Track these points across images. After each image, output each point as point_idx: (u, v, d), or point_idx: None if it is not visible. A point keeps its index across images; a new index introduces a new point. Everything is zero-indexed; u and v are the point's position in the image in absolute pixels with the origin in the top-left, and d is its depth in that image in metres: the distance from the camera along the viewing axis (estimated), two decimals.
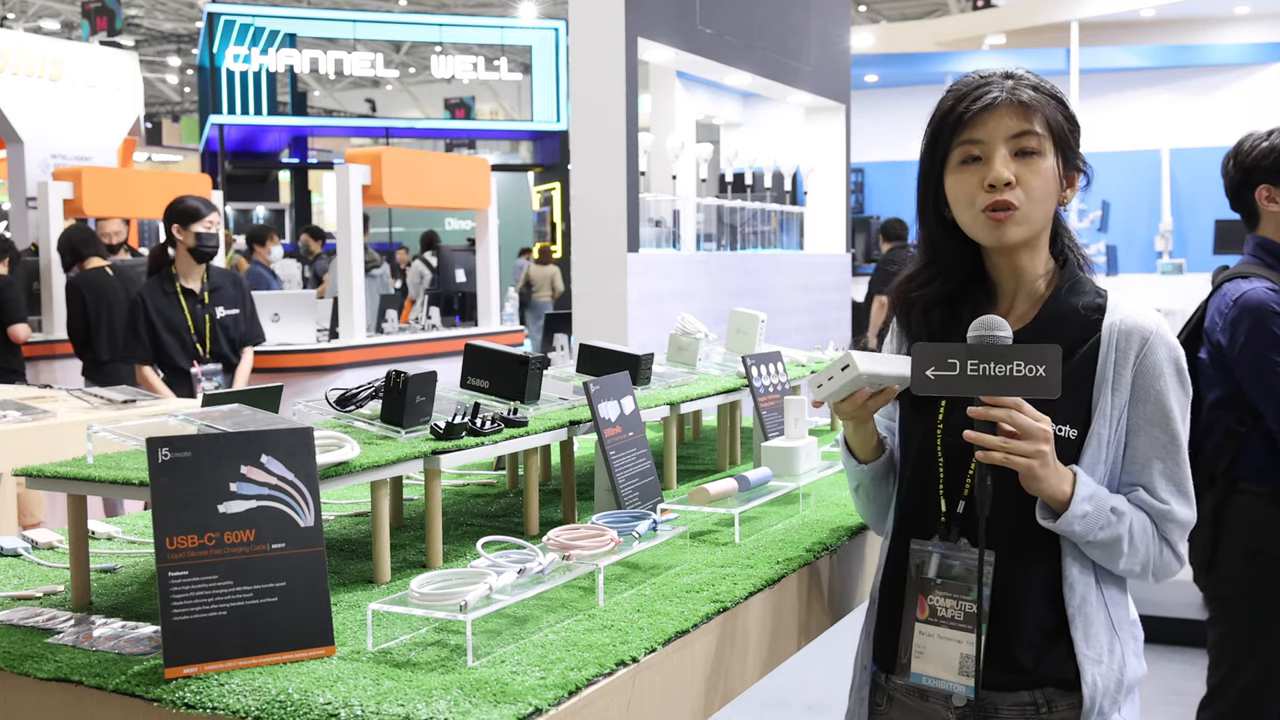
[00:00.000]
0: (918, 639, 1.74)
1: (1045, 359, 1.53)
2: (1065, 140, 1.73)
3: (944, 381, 1.57)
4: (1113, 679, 1.68)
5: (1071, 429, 1.68)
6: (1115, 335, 1.70)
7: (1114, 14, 19.08)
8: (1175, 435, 1.69)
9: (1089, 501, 1.62)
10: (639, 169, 6.12)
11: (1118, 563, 1.68)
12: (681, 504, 2.14)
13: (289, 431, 1.52)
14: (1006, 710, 1.71)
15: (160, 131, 27.22)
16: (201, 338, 5.20)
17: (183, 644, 1.41)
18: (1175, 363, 1.70)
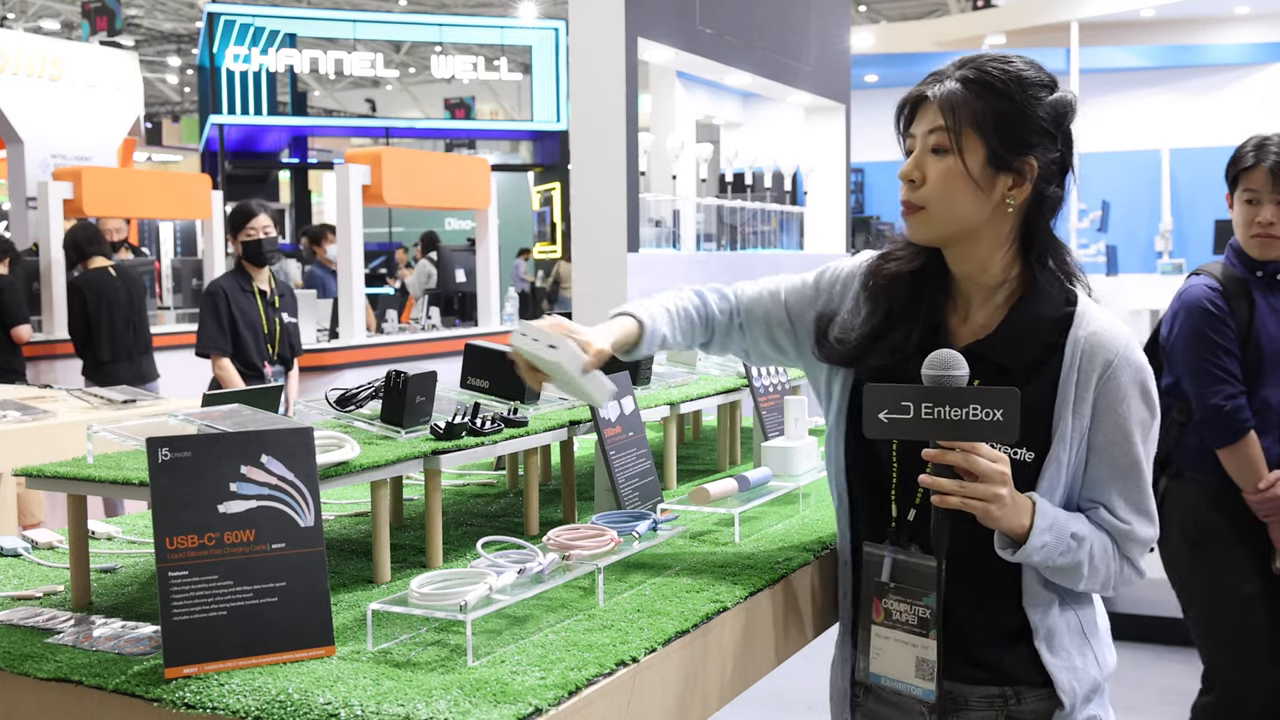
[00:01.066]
0: (875, 641, 1.74)
1: (1004, 403, 1.50)
2: (1006, 134, 1.62)
3: (897, 425, 1.54)
4: (1088, 680, 1.70)
5: (1029, 451, 1.65)
6: (1079, 354, 1.65)
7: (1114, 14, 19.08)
8: (1136, 459, 1.66)
9: (1048, 532, 1.60)
10: (639, 169, 6.12)
11: (1077, 584, 1.68)
12: (681, 504, 2.14)
13: (289, 431, 1.52)
14: (976, 702, 1.72)
15: (160, 131, 27.21)
16: (272, 339, 5.30)
17: (183, 644, 1.41)
18: (1140, 385, 1.66)
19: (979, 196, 1.64)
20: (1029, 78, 1.64)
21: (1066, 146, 1.68)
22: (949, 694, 1.74)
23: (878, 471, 1.77)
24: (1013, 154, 1.63)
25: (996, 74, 1.63)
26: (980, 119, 1.62)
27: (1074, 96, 1.69)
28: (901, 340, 1.72)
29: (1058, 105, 1.65)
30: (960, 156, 1.62)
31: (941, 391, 1.52)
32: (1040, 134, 1.64)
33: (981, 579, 1.70)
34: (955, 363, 1.54)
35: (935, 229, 1.67)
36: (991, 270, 1.70)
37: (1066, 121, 1.67)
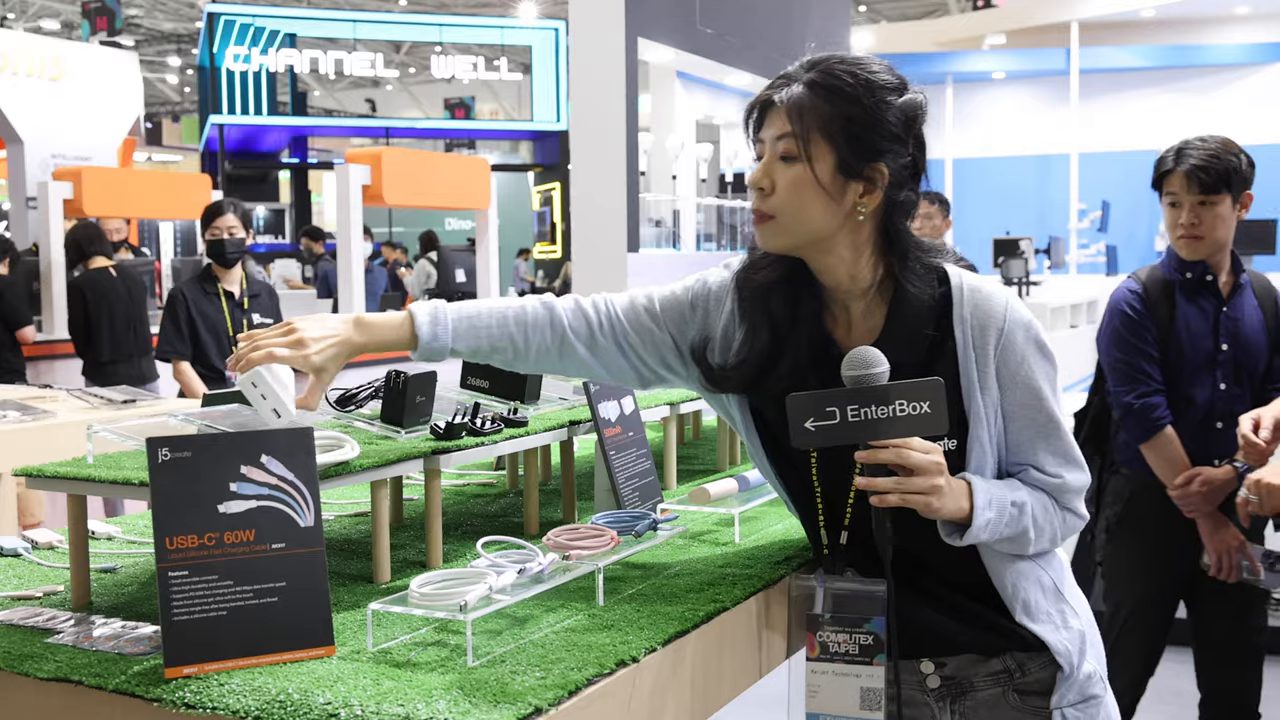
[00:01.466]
0: (811, 678, 1.67)
1: (929, 394, 1.49)
2: (855, 141, 1.58)
3: (825, 432, 1.51)
4: (1075, 637, 1.69)
5: (950, 440, 1.63)
6: (969, 333, 1.63)
7: (1114, 14, 19.08)
8: (1051, 413, 1.65)
9: (990, 508, 1.59)
10: (639, 169, 6.12)
11: (1027, 549, 1.67)
12: (681, 504, 2.14)
13: (289, 431, 1.52)
14: (982, 682, 1.72)
15: (160, 131, 27.22)
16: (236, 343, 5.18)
17: (183, 644, 1.41)
18: (1034, 340, 1.64)
19: (829, 205, 1.60)
20: (878, 81, 1.60)
21: (918, 150, 1.64)
22: (951, 678, 1.73)
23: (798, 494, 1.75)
24: (863, 161, 1.59)
25: (845, 78, 1.59)
26: (829, 125, 1.58)
27: (924, 98, 1.64)
28: (792, 361, 1.67)
29: (907, 108, 1.61)
30: (809, 164, 1.58)
31: (865, 392, 1.50)
32: (890, 139, 1.60)
33: (943, 564, 1.68)
34: (875, 359, 1.52)
35: (786, 238, 1.63)
36: (858, 276, 1.66)
37: (917, 124, 1.63)
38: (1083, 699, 1.69)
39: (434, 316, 1.64)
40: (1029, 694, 1.70)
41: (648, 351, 1.75)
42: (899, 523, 1.58)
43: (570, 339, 1.71)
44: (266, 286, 5.43)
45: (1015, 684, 1.71)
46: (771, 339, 1.68)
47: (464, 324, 1.66)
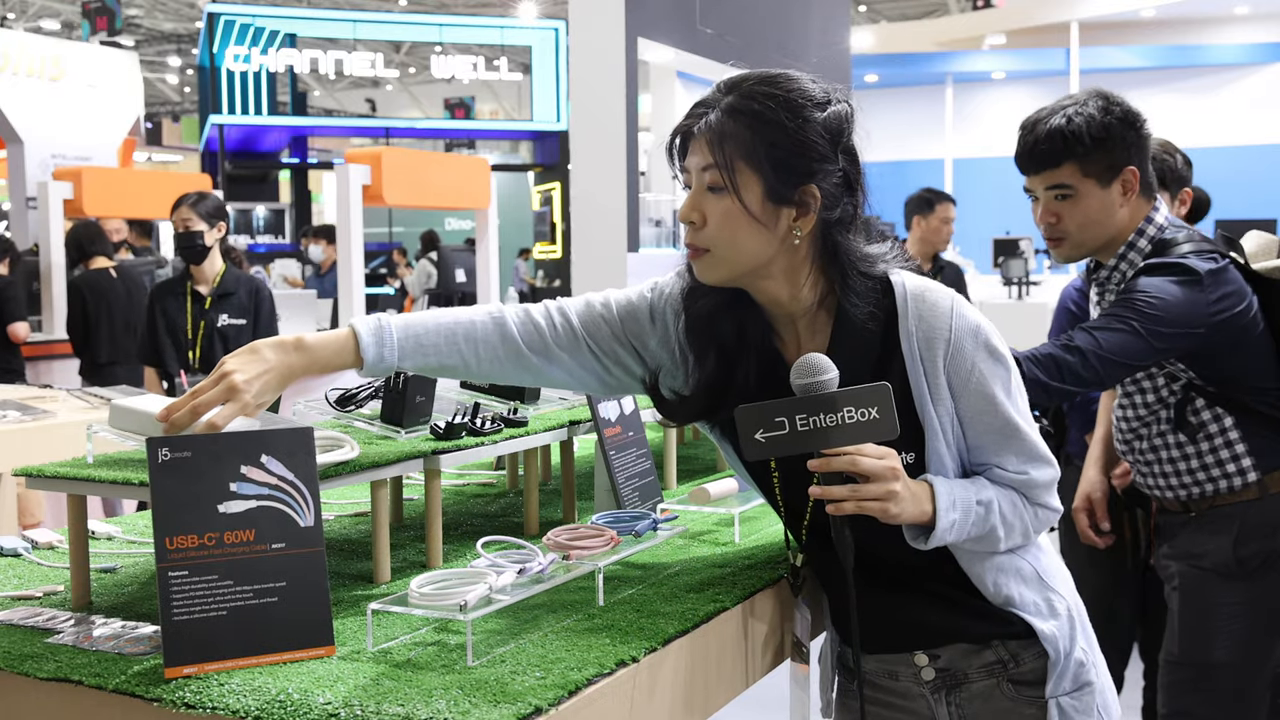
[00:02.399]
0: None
1: (876, 400, 1.48)
2: (781, 167, 1.54)
3: (775, 442, 1.49)
4: (1064, 624, 1.68)
5: (909, 453, 1.60)
6: (915, 344, 1.59)
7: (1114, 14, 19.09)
8: (1007, 417, 1.61)
9: (954, 509, 1.57)
10: (639, 169, 6.12)
11: (997, 546, 1.64)
12: (681, 504, 2.14)
13: (289, 431, 1.52)
14: (975, 673, 1.70)
15: (160, 131, 27.23)
16: (194, 345, 4.80)
17: (183, 644, 1.41)
18: (984, 344, 1.60)
19: (763, 233, 1.56)
20: (799, 99, 1.55)
21: (850, 162, 1.60)
22: (946, 670, 1.71)
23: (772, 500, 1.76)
24: (791, 186, 1.55)
25: (763, 100, 1.53)
26: (752, 153, 1.53)
27: (848, 109, 1.59)
28: (744, 384, 1.64)
29: (831, 123, 1.56)
30: (737, 195, 1.53)
31: (812, 400, 1.48)
32: (818, 159, 1.55)
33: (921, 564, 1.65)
34: (823, 366, 1.50)
35: (724, 270, 1.59)
36: (798, 297, 1.63)
37: (844, 137, 1.58)
38: (1076, 686, 1.68)
39: (379, 336, 1.58)
40: (1023, 684, 1.69)
41: (609, 359, 1.71)
42: (871, 528, 1.56)
43: (524, 351, 1.67)
44: (251, 285, 5.00)
45: (1009, 674, 1.69)
46: (719, 365, 1.65)
47: (410, 342, 1.60)
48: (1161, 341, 2.30)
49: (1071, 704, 1.67)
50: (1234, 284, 2.38)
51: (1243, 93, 19.84)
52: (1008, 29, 20.77)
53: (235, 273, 4.97)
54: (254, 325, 4.91)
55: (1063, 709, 1.67)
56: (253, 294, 4.96)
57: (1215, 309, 2.33)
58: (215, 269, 4.89)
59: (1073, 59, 19.12)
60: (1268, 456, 2.45)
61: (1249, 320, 2.40)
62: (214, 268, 4.89)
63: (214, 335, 4.83)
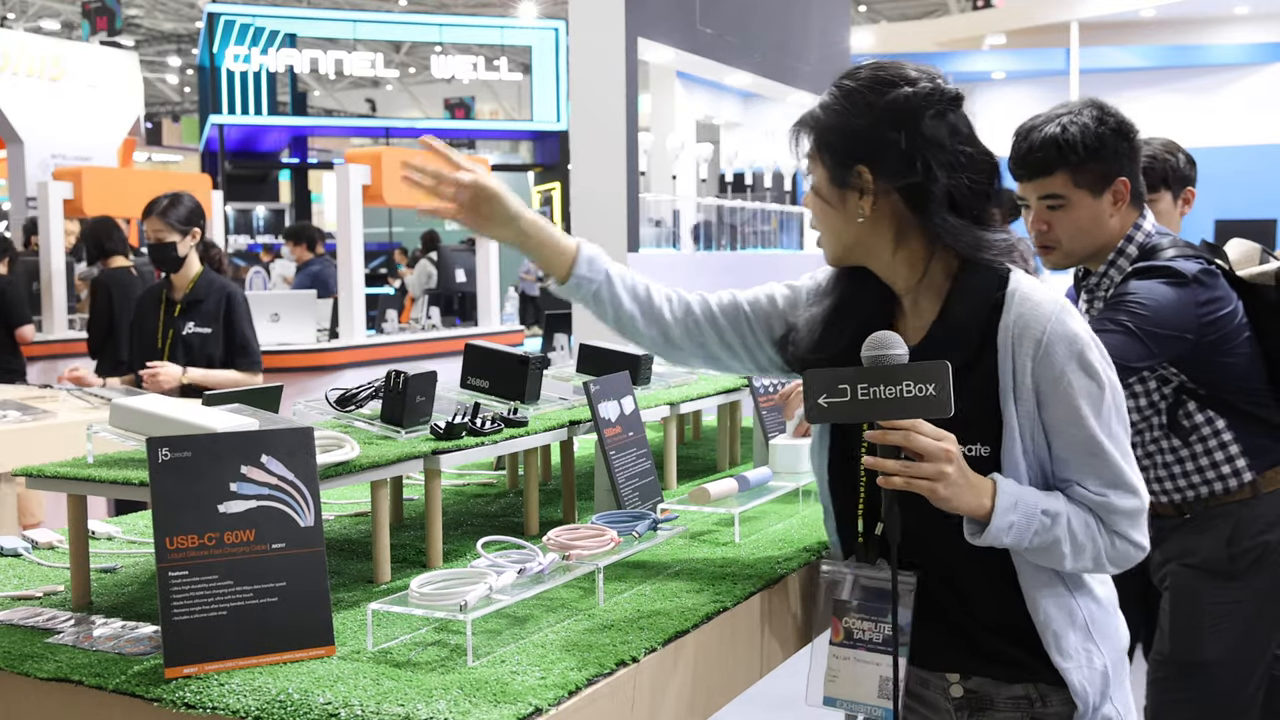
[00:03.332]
0: (832, 663, 1.68)
1: (934, 377, 1.48)
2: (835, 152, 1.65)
3: (837, 408, 1.52)
4: (1097, 677, 1.65)
5: (984, 446, 1.60)
6: (1010, 340, 1.60)
7: (1114, 14, 19.09)
8: (1092, 433, 1.59)
9: (1013, 511, 1.55)
10: (639, 169, 6.12)
11: (1063, 564, 1.61)
12: (681, 504, 2.14)
13: (289, 431, 1.52)
14: (1002, 703, 1.68)
15: (160, 131, 27.23)
16: (162, 354, 4.49)
17: (183, 644, 1.41)
18: (1077, 356, 1.59)
19: (837, 215, 1.66)
20: (863, 86, 1.64)
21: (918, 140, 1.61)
22: (974, 692, 1.70)
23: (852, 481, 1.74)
24: (844, 169, 1.64)
25: (831, 94, 1.68)
26: (817, 144, 1.68)
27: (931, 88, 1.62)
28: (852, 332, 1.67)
29: (894, 104, 1.61)
30: (812, 184, 1.70)
31: (875, 371, 1.51)
32: (868, 141, 1.62)
33: (977, 588, 1.66)
34: (892, 342, 1.53)
35: (829, 252, 1.72)
36: (902, 273, 1.67)
37: (909, 119, 1.61)
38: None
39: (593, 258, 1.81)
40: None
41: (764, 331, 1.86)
42: (928, 518, 1.57)
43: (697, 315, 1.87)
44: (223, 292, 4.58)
45: (1034, 712, 1.67)
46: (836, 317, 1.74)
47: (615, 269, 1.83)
48: (1156, 343, 2.30)
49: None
50: (1220, 288, 2.39)
51: (1243, 93, 19.84)
52: (1008, 29, 20.76)
53: (209, 278, 4.57)
54: (223, 333, 4.51)
55: None
56: (222, 301, 4.56)
57: (1204, 310, 2.35)
58: (190, 275, 4.54)
59: (1073, 59, 19.12)
60: (1261, 456, 2.45)
61: (1237, 323, 2.41)
62: (189, 274, 4.54)
63: (178, 344, 4.50)
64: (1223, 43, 19.81)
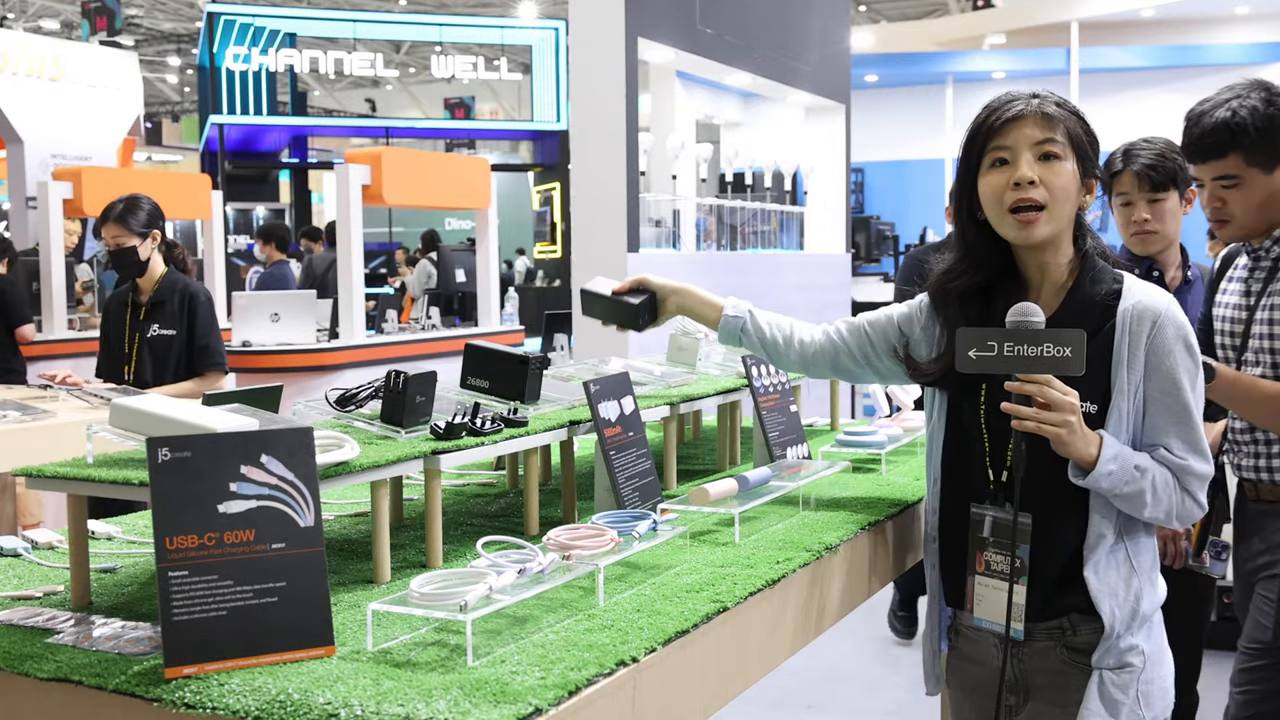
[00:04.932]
0: (977, 589, 2.00)
1: (1071, 341, 1.77)
2: (1084, 151, 1.94)
3: (983, 361, 1.81)
4: (1128, 608, 1.90)
5: (1093, 404, 1.89)
6: (1129, 318, 1.90)
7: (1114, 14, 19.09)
8: (1186, 403, 1.89)
9: (1114, 461, 1.84)
10: (639, 169, 6.12)
11: (1143, 512, 1.89)
12: (681, 504, 2.14)
13: (289, 431, 1.52)
14: (1039, 634, 1.97)
15: (160, 131, 27.22)
16: (130, 359, 4.43)
17: (183, 644, 1.41)
18: (1183, 339, 1.90)
19: (1074, 201, 1.94)
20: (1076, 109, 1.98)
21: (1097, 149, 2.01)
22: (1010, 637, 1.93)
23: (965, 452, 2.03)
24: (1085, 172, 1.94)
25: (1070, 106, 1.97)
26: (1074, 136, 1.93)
27: None
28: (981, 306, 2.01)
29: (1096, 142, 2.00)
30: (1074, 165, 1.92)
31: (1020, 332, 1.79)
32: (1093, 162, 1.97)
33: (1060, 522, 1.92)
34: (1032, 311, 1.81)
35: (1050, 227, 1.91)
36: (1061, 261, 1.97)
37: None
38: (1119, 665, 1.90)
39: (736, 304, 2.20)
40: (1076, 650, 1.95)
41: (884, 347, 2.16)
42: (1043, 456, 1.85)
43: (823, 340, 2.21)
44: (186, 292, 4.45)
45: (1065, 640, 1.95)
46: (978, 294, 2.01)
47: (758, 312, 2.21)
48: None
49: (1112, 678, 1.90)
50: None
51: None
52: (1008, 29, 20.76)
53: (172, 278, 4.45)
54: (186, 335, 4.40)
55: (1103, 680, 1.90)
56: (185, 302, 4.44)
57: None
58: (154, 277, 4.44)
59: (1073, 59, 19.12)
60: None
61: None
62: (153, 276, 4.44)
63: (143, 348, 4.41)
64: (1223, 43, 19.80)
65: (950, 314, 2.02)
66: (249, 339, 7.17)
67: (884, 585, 2.35)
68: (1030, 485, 1.86)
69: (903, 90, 22.42)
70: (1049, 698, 1.97)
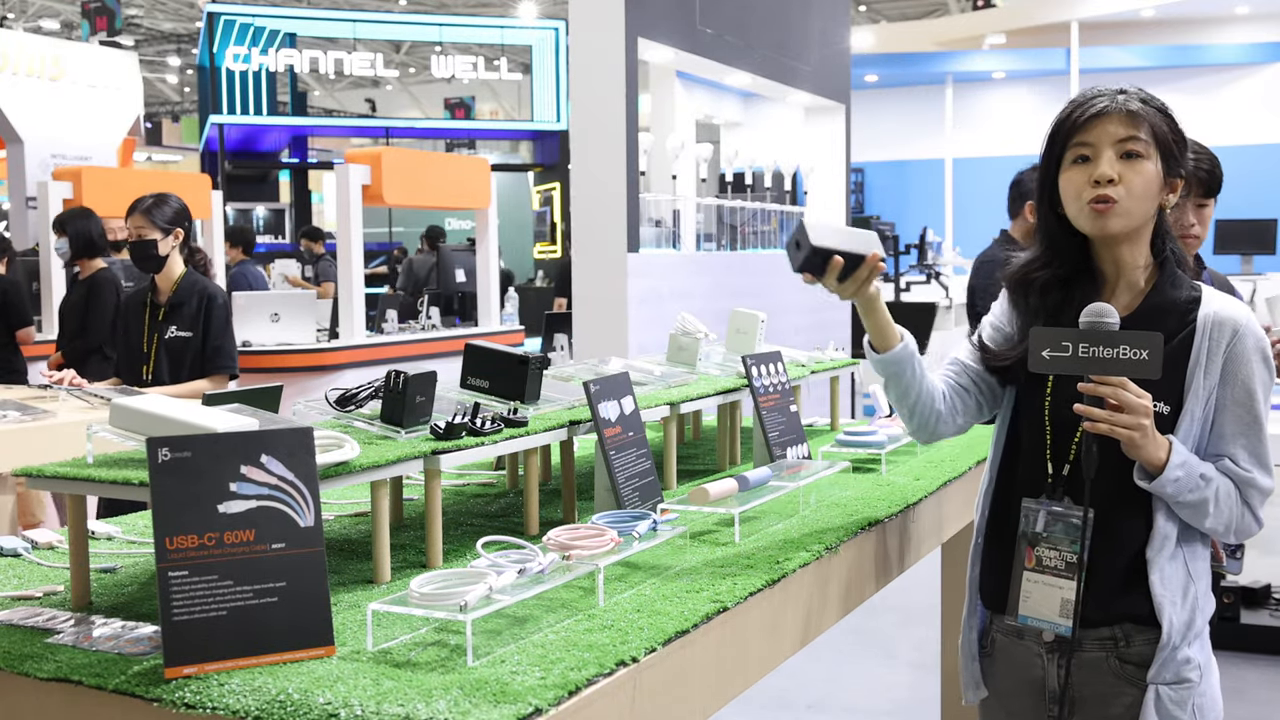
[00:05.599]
0: (1025, 585, 1.95)
1: (1149, 344, 1.75)
2: (1169, 149, 1.91)
3: (1058, 361, 1.80)
4: (1185, 617, 1.88)
5: (1165, 405, 1.88)
6: (1209, 325, 1.90)
7: (1114, 14, 19.09)
8: (1258, 415, 1.89)
9: (1181, 468, 1.83)
10: (639, 169, 6.12)
11: (1203, 522, 1.88)
12: (681, 504, 2.14)
13: (289, 431, 1.52)
14: (1090, 644, 1.93)
15: (160, 131, 27.20)
16: (149, 359, 4.39)
17: (183, 644, 1.41)
18: (1261, 351, 1.90)
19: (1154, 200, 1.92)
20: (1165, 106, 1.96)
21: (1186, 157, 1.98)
22: (1065, 637, 1.91)
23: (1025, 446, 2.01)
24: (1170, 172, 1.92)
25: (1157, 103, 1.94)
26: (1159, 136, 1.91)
27: None
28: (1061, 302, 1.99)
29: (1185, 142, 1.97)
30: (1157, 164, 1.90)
31: (1096, 334, 1.78)
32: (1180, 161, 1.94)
33: (1119, 524, 1.91)
34: (1108, 312, 1.80)
35: (1124, 221, 1.90)
36: (1138, 260, 1.95)
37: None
38: (1177, 680, 1.88)
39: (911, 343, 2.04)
40: (1129, 663, 1.91)
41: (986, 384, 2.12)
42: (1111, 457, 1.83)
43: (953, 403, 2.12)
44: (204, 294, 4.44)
45: (1119, 651, 1.91)
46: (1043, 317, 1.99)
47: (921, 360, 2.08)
48: None
49: (1169, 694, 1.87)
50: None
51: (1243, 93, 19.84)
52: (1008, 29, 20.76)
53: (192, 279, 4.44)
54: (201, 338, 4.38)
55: (1160, 697, 1.87)
56: (203, 304, 4.41)
57: None
58: (173, 278, 4.43)
59: (1073, 59, 19.12)
60: None
61: None
62: (171, 276, 4.43)
63: (161, 350, 4.39)
64: (1223, 43, 19.80)
65: (1030, 304, 2.02)
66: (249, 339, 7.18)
67: (884, 585, 2.35)
68: (1095, 482, 1.85)
69: (903, 90, 22.42)
70: (1096, 712, 1.94)
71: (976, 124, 21.70)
